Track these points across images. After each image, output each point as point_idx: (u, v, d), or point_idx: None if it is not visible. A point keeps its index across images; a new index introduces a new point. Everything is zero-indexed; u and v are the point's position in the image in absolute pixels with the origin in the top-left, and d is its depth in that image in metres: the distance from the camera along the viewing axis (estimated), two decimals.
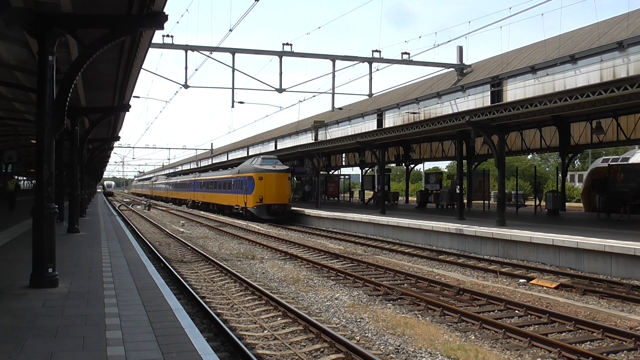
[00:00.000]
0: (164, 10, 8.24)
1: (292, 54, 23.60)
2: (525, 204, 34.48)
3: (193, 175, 53.91)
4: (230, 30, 21.22)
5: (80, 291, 7.74)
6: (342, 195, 49.21)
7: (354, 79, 50.39)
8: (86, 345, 5.24)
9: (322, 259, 16.41)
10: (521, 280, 12.63)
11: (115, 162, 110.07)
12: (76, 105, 16.01)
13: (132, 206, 54.90)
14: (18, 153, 32.28)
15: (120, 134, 48.21)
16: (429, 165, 64.11)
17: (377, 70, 25.19)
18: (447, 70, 27.49)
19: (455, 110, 25.09)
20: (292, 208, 31.87)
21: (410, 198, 45.25)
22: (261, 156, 35.29)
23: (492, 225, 18.18)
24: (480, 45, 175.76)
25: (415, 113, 28.99)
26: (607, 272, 12.97)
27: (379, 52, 24.23)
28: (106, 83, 15.39)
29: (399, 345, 7.69)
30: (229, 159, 59.40)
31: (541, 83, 21.62)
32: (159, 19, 8.15)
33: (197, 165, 76.40)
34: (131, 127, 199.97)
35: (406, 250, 18.07)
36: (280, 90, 23.94)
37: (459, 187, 22.47)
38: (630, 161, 29.43)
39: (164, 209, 49.47)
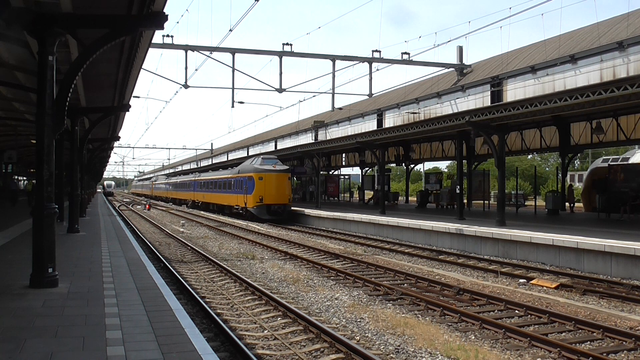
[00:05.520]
0: (164, 10, 8.24)
1: (292, 54, 23.60)
2: (525, 204, 34.47)
3: (193, 175, 53.89)
4: (230, 30, 21.23)
5: (80, 291, 7.74)
6: (342, 195, 49.22)
7: (354, 79, 50.50)
8: (86, 345, 5.24)
9: (322, 259, 16.41)
10: (521, 280, 12.63)
11: (115, 162, 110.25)
12: (76, 105, 16.01)
13: (132, 206, 54.89)
14: (18, 153, 32.30)
15: (120, 134, 48.25)
16: (429, 165, 64.20)
17: (377, 70, 25.23)
18: (447, 70, 27.49)
19: (455, 110, 25.09)
20: (292, 208, 31.87)
21: (410, 198, 45.25)
22: (261, 156, 35.28)
23: (492, 225, 18.18)
24: (480, 45, 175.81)
25: (415, 113, 29.00)
26: (607, 272, 12.97)
27: (379, 52, 24.25)
28: (106, 83, 15.39)
29: (399, 345, 7.69)
30: (229, 159, 59.39)
31: (541, 83, 21.62)
32: (159, 19, 8.15)
33: (197, 165, 76.40)
34: (131, 127, 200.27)
35: (406, 250, 18.07)
36: (280, 90, 23.94)
37: (459, 187, 22.47)
38: (630, 161, 29.43)
39: (164, 209, 49.46)
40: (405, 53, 24.65)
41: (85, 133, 19.52)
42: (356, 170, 51.03)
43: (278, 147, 47.31)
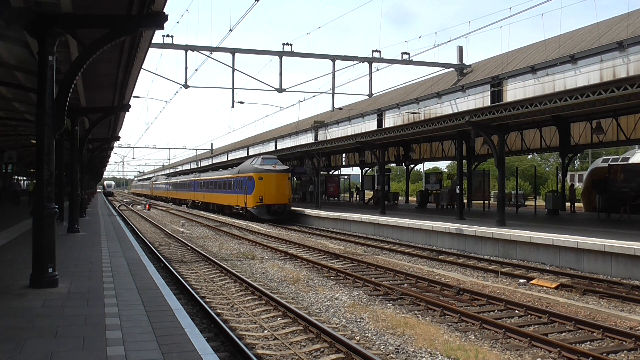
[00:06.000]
0: (164, 10, 8.24)
1: (292, 54, 23.59)
2: (525, 204, 34.47)
3: (193, 175, 53.90)
4: (230, 30, 21.23)
5: (80, 291, 7.74)
6: (342, 195, 49.18)
7: (354, 79, 50.53)
8: (86, 345, 5.24)
9: (322, 259, 16.41)
10: (521, 280, 12.63)
11: (115, 162, 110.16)
12: (76, 105, 16.01)
13: (132, 206, 54.89)
14: (18, 153, 32.31)
15: (120, 134, 48.22)
16: (429, 165, 64.20)
17: (377, 70, 25.21)
18: (447, 70, 27.47)
19: (455, 110, 25.08)
20: (292, 208, 31.87)
21: (410, 198, 45.24)
22: (261, 156, 35.28)
23: (492, 225, 18.18)
24: (480, 45, 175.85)
25: (415, 113, 28.99)
26: (607, 272, 12.97)
27: (379, 52, 24.23)
28: (106, 83, 15.38)
29: (399, 345, 7.69)
30: (229, 159, 59.38)
31: (541, 83, 21.61)
32: (159, 19, 8.15)
33: (197, 165, 76.39)
34: (131, 127, 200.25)
35: (406, 250, 18.07)
36: (280, 90, 23.93)
37: (459, 187, 22.47)
38: (630, 161, 29.41)
39: (164, 209, 49.46)
40: (405, 53, 24.65)
41: (85, 133, 19.52)
42: (356, 170, 51.08)
43: (278, 147, 47.30)
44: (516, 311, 9.68)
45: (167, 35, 22.02)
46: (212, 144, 71.73)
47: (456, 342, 7.83)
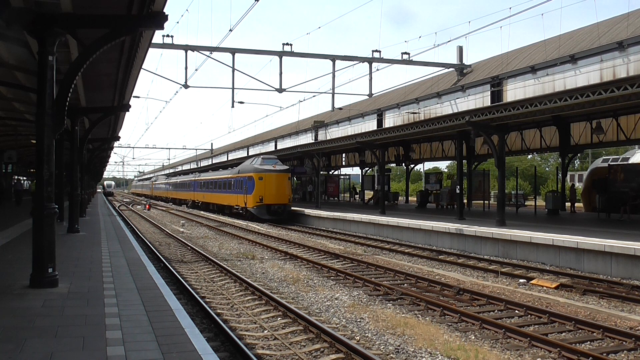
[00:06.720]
0: (164, 10, 8.24)
1: (292, 54, 23.60)
2: (525, 204, 34.48)
3: (193, 175, 53.91)
4: (230, 30, 21.26)
5: (80, 291, 7.74)
6: (342, 195, 49.18)
7: (354, 79, 50.62)
8: (86, 345, 5.24)
9: (322, 259, 16.41)
10: (521, 280, 12.63)
11: (115, 162, 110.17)
12: (76, 105, 16.00)
13: (132, 206, 54.89)
14: (18, 153, 32.33)
15: (120, 134, 48.21)
16: (429, 165, 64.22)
17: (377, 70, 25.23)
18: (447, 70, 27.48)
19: (455, 110, 25.09)
20: (292, 208, 31.87)
21: (410, 198, 45.25)
22: (261, 156, 35.29)
23: (492, 225, 18.17)
24: (480, 45, 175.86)
25: (415, 113, 28.99)
26: (607, 272, 12.97)
27: (379, 52, 24.24)
28: (106, 83, 15.38)
29: (399, 345, 7.69)
30: (229, 159, 59.40)
31: (541, 83, 21.62)
32: (159, 19, 8.15)
33: (197, 165, 76.39)
34: (131, 127, 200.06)
35: (406, 250, 18.07)
36: (280, 90, 23.94)
37: (459, 187, 22.48)
38: (630, 161, 29.42)
39: (164, 209, 49.46)
40: (405, 53, 24.66)
41: (85, 133, 19.53)
42: (356, 170, 51.08)
43: (278, 147, 47.30)
44: (516, 311, 9.68)
45: (167, 35, 22.06)
46: (212, 144, 71.83)
47: (456, 342, 7.83)
